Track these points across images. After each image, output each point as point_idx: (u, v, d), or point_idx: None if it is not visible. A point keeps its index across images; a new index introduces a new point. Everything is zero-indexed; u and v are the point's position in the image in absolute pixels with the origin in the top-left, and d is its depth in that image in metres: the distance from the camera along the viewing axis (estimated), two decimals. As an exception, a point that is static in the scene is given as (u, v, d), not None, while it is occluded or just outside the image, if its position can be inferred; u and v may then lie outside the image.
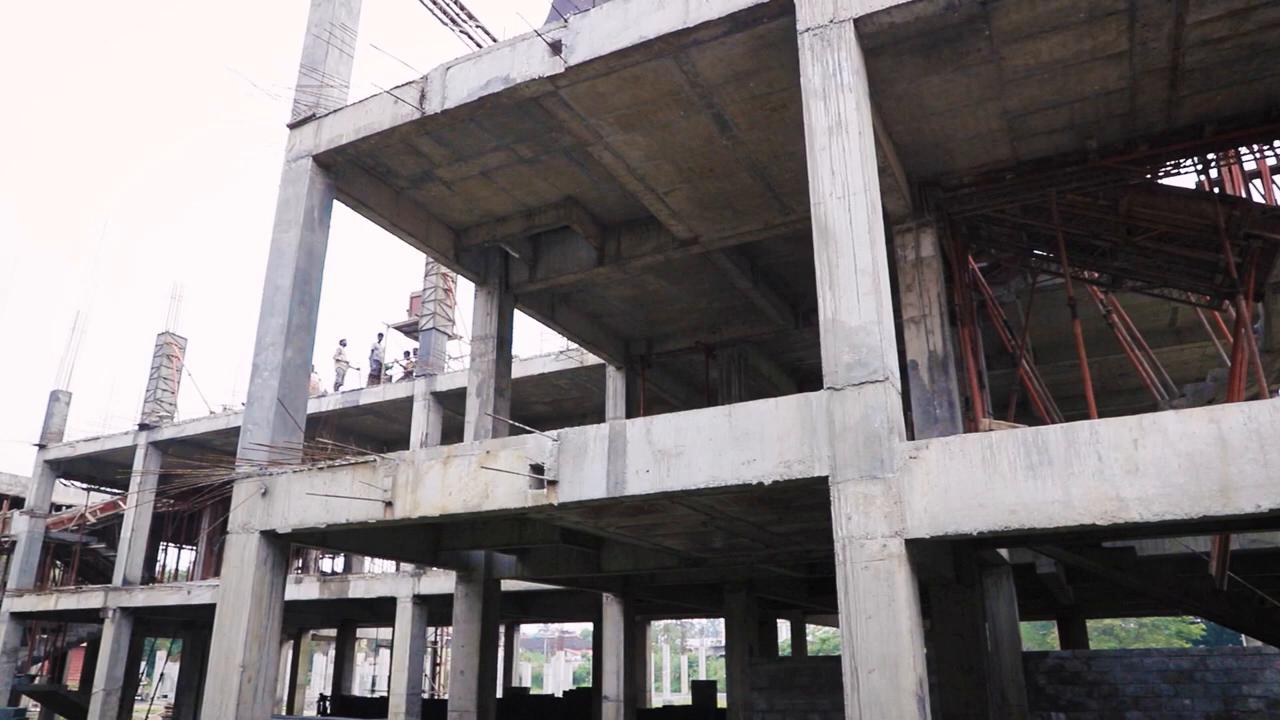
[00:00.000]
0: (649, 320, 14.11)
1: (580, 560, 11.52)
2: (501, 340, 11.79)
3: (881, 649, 5.17)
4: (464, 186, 10.14)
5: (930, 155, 9.06)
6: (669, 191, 9.81)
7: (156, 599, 22.02)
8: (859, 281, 5.83)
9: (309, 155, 8.97)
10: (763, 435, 5.90)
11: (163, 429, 23.73)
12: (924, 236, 9.23)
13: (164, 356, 24.57)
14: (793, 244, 11.67)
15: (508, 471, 6.76)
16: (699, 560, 11.26)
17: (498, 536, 10.13)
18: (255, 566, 7.91)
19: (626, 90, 7.94)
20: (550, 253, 11.82)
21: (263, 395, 8.42)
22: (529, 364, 18.44)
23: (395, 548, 10.18)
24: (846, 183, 6.06)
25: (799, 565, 13.19)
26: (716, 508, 7.79)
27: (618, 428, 6.44)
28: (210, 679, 7.89)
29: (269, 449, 8.10)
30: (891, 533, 5.35)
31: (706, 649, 78.88)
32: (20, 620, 24.26)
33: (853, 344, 5.74)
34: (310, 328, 8.80)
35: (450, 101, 8.08)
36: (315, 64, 9.44)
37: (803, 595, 16.79)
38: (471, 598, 11.25)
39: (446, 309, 20.88)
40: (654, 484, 6.21)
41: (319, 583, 20.46)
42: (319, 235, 8.95)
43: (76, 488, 29.01)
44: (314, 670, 45.59)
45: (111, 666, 21.81)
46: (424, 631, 18.77)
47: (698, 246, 10.82)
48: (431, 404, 19.67)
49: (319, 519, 7.64)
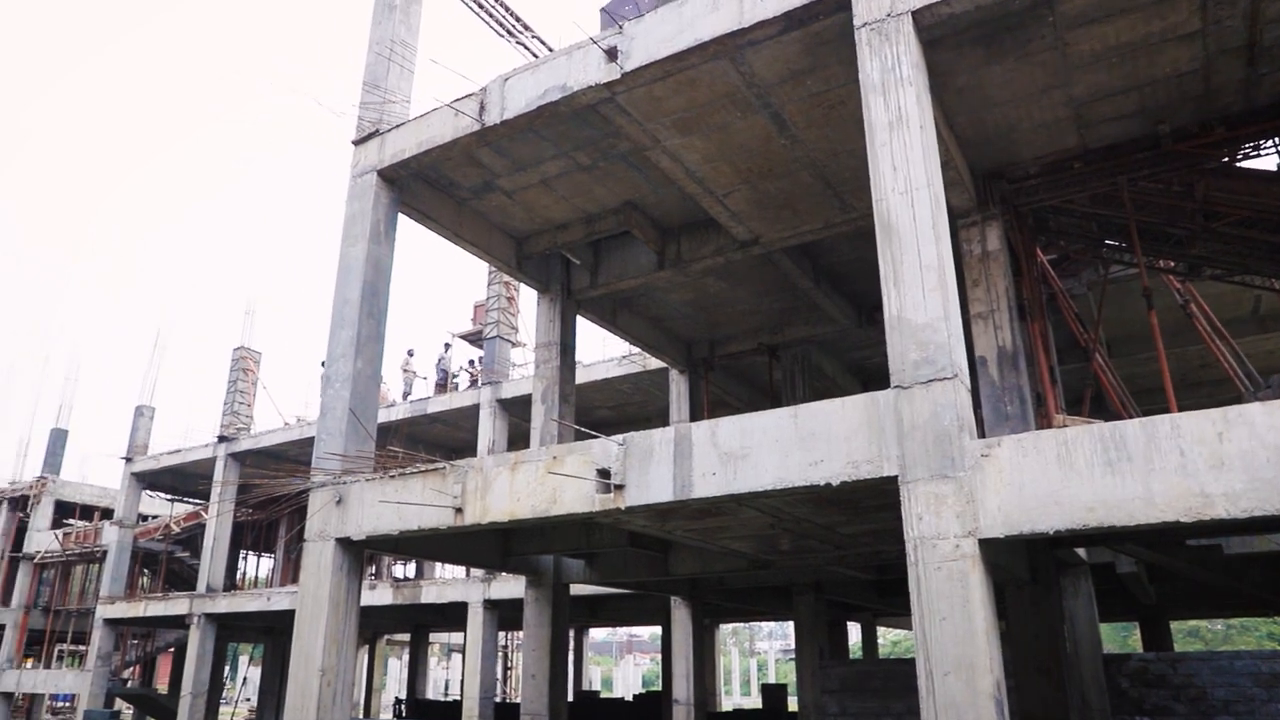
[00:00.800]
0: (711, 322, 14.09)
1: (648, 564, 11.55)
2: (564, 346, 11.90)
3: (957, 651, 5.08)
4: (524, 195, 10.27)
5: (994, 147, 8.88)
6: (728, 193, 9.79)
7: (238, 605, 22.72)
8: (924, 277, 5.75)
9: (373, 170, 9.18)
10: (829, 435, 5.85)
11: (240, 440, 24.48)
12: (990, 230, 9.05)
13: (240, 370, 25.35)
14: (855, 242, 11.54)
15: (574, 476, 6.81)
16: (767, 563, 11.19)
17: (566, 541, 10.21)
18: (332, 573, 8.11)
19: (683, 93, 7.95)
20: (611, 258, 11.88)
21: (335, 406, 8.63)
22: (592, 369, 18.56)
23: (465, 553, 10.33)
24: (909, 178, 5.98)
25: (868, 567, 13.01)
26: (784, 509, 7.74)
27: (683, 431, 6.45)
28: (291, 682, 8.11)
29: (342, 458, 8.30)
30: (964, 533, 5.25)
31: (775, 652, 78.23)
32: (113, 626, 25.26)
33: (919, 341, 5.66)
34: (379, 339, 9.00)
35: (509, 112, 8.19)
36: (377, 80, 9.66)
37: (873, 597, 16.55)
38: (541, 602, 11.36)
39: (510, 317, 21.14)
40: (720, 486, 6.20)
41: (392, 588, 20.87)
42: (385, 248, 9.15)
43: (161, 499, 30.11)
44: (389, 674, 46.48)
45: (198, 670, 22.57)
46: (495, 636, 19.00)
47: (758, 247, 10.77)
48: (497, 411, 19.93)
49: (392, 526, 7.80)
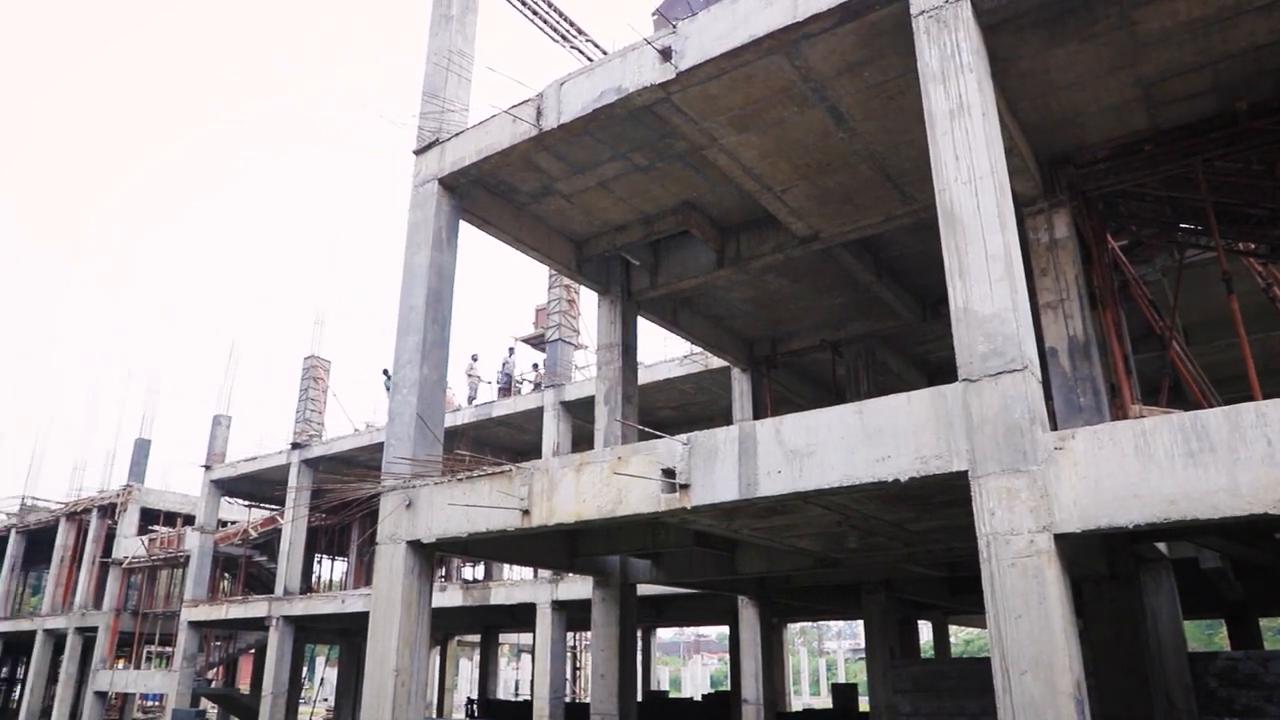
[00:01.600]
0: (772, 320, 13.99)
1: (714, 563, 11.53)
2: (626, 347, 11.94)
3: (1034, 650, 4.97)
4: (583, 198, 10.34)
5: (1060, 132, 8.65)
6: (786, 189, 9.72)
7: (314, 608, 23.31)
8: (990, 268, 5.63)
9: (434, 179, 9.34)
10: (896, 431, 5.77)
11: (312, 447, 25.12)
12: (1057, 217, 8.82)
13: (311, 379, 26.01)
14: (917, 234, 11.35)
15: (640, 477, 6.84)
16: (834, 561, 11.07)
17: (632, 541, 10.25)
18: (404, 575, 8.28)
19: (738, 90, 7.92)
20: (670, 258, 11.89)
21: (403, 412, 8.80)
22: (654, 370, 18.60)
23: (533, 554, 10.44)
24: (972, 167, 5.87)
25: (939, 564, 12.79)
26: (851, 507, 7.65)
27: (747, 429, 6.43)
28: (367, 682, 8.30)
29: (411, 462, 8.46)
30: (1039, 528, 5.13)
31: (845, 651, 77.29)
32: (196, 628, 26.13)
33: (987, 333, 5.55)
34: (444, 344, 9.15)
35: (565, 116, 8.26)
36: (436, 90, 9.82)
37: (944, 595, 16.26)
38: (608, 602, 11.42)
39: (571, 320, 21.30)
40: (786, 484, 6.16)
41: (462, 590, 21.19)
42: (448, 255, 9.30)
43: (239, 504, 31.06)
44: (460, 675, 47.18)
45: (277, 671, 23.21)
46: (563, 636, 19.17)
47: (818, 243, 10.67)
48: (561, 413, 20.10)
49: (460, 528, 7.93)
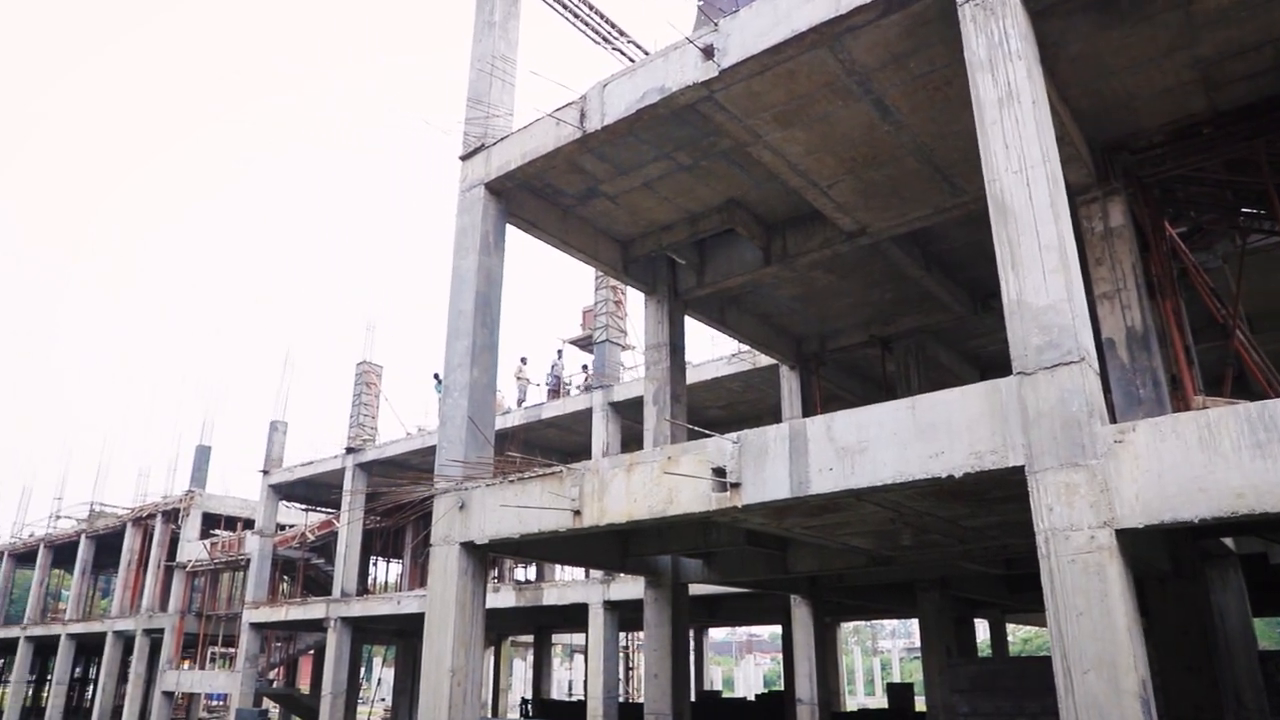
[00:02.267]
0: (820, 317, 13.88)
1: (766, 562, 11.47)
2: (674, 347, 11.94)
3: (1096, 648, 4.86)
4: (628, 199, 10.36)
5: (1113, 117, 8.45)
6: (832, 184, 9.64)
7: (370, 609, 23.69)
8: (1044, 258, 5.52)
9: (481, 184, 9.43)
10: (949, 426, 5.69)
11: (366, 451, 25.53)
12: (1112, 205, 8.62)
13: (363, 384, 26.44)
14: (966, 226, 11.18)
15: (690, 476, 6.83)
16: (888, 559, 10.95)
17: (683, 541, 10.24)
18: (457, 576, 8.37)
19: (781, 86, 7.87)
20: (716, 257, 11.86)
21: (454, 415, 8.91)
22: (702, 369, 18.57)
23: (585, 555, 10.49)
24: (1022, 156, 5.76)
25: (995, 561, 12.56)
26: (904, 504, 7.56)
27: (797, 427, 6.39)
28: (423, 682, 8.41)
29: (463, 465, 8.56)
30: (1099, 523, 5.02)
31: (899, 651, 76.37)
32: (257, 630, 26.73)
33: (1041, 325, 5.44)
34: (493, 348, 9.24)
35: (609, 117, 8.28)
36: (480, 96, 9.92)
37: (1001, 593, 15.98)
38: (661, 602, 11.43)
39: (618, 321, 21.36)
40: (838, 482, 6.11)
41: (515, 591, 21.37)
42: (496, 259, 9.39)
43: (296, 508, 31.70)
44: (514, 675, 47.57)
45: (336, 671, 23.64)
46: (616, 636, 19.23)
47: (866, 238, 10.56)
48: (609, 414, 20.17)
49: (513, 529, 7.99)
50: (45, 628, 37.63)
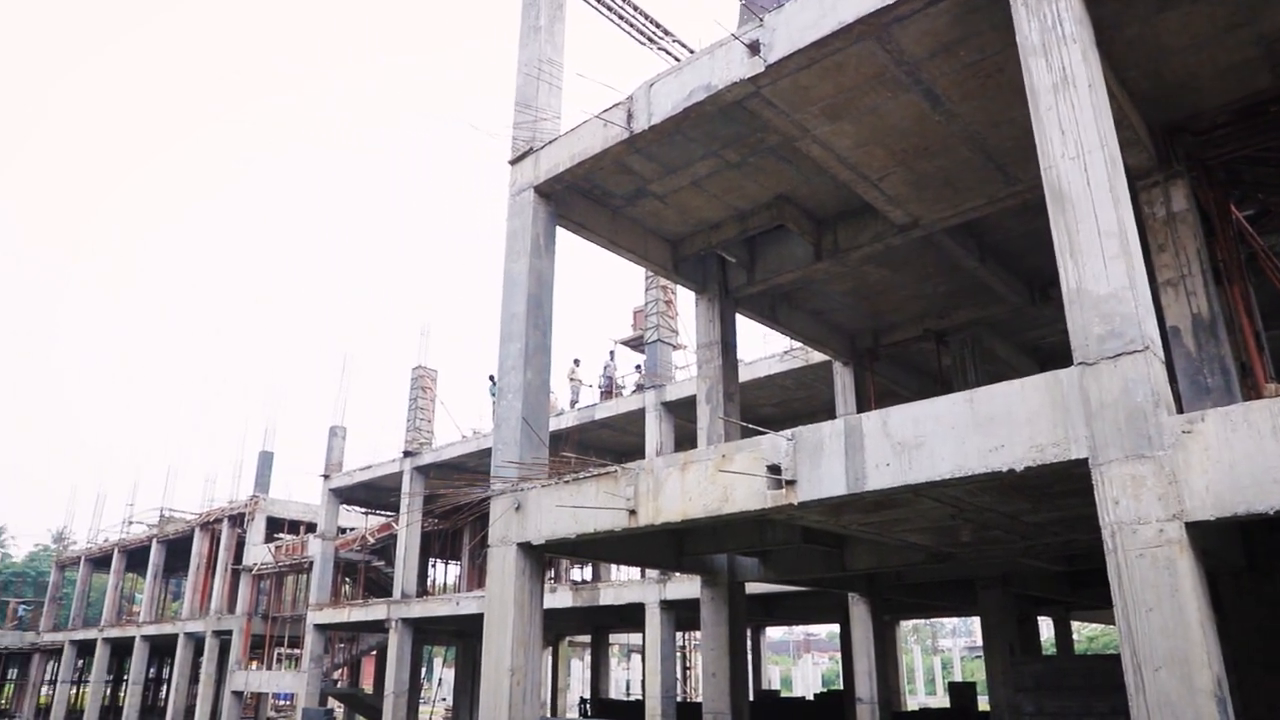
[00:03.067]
0: (873, 312, 13.73)
1: (823, 560, 11.37)
2: (725, 345, 11.91)
3: (1167, 645, 4.73)
4: (676, 198, 10.36)
5: (1174, 98, 8.22)
6: (883, 177, 9.53)
7: (430, 610, 24.03)
8: (1104, 245, 5.39)
9: (530, 187, 9.51)
10: (1009, 419, 5.58)
11: (423, 455, 25.90)
12: (1174, 189, 8.38)
13: (419, 389, 26.83)
14: (1022, 216, 10.96)
15: (745, 474, 6.81)
16: (947, 555, 10.78)
17: (739, 539, 10.21)
18: (515, 576, 8.45)
19: (829, 79, 7.81)
20: (766, 254, 11.81)
21: (509, 416, 9.00)
22: (754, 367, 18.48)
23: (640, 554, 10.52)
24: (1079, 141, 5.63)
25: (1058, 558, 12.29)
26: (964, 499, 7.44)
27: (853, 422, 6.33)
28: (484, 681, 8.51)
29: (519, 466, 8.64)
30: (1168, 516, 4.88)
31: (960, 649, 75.10)
32: (321, 631, 27.29)
33: (1103, 313, 5.32)
34: (546, 350, 9.31)
35: (656, 117, 8.30)
36: (528, 100, 10.00)
37: (1065, 590, 15.63)
38: (717, 601, 11.41)
39: (669, 320, 21.37)
40: (895, 477, 6.04)
41: (571, 591, 21.50)
42: (546, 261, 9.46)
43: (356, 512, 32.29)
44: (571, 675, 47.83)
45: (398, 671, 24.03)
46: (672, 636, 19.23)
47: (918, 230, 10.42)
48: (662, 414, 20.18)
49: (569, 529, 8.05)
50: (121, 630, 38.91)
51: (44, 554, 65.69)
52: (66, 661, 42.58)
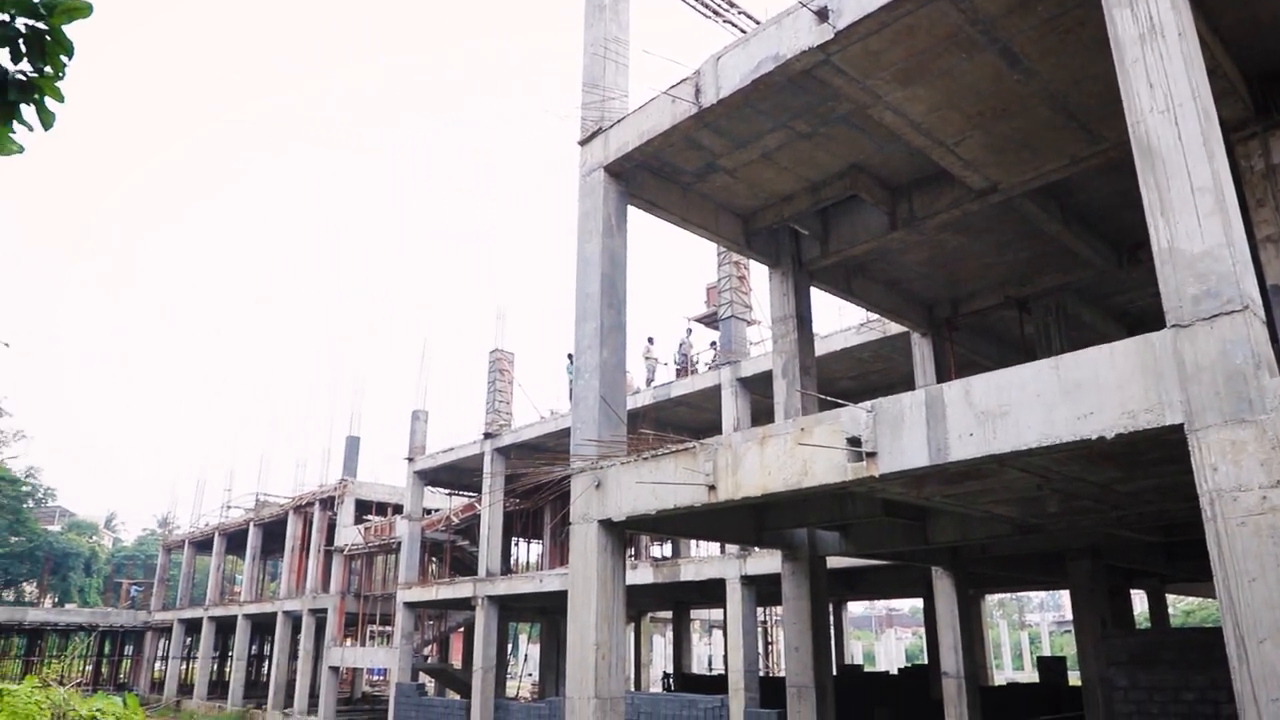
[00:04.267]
0: (951, 280, 13.42)
1: (905, 533, 11.24)
2: (801, 319, 11.81)
3: (1273, 616, 4.56)
4: (746, 172, 10.28)
5: (1271, 45, 7.80)
6: (959, 141, 9.29)
7: (514, 588, 24.54)
8: (1197, 202, 5.18)
9: (600, 167, 9.56)
10: (1098, 385, 5.43)
11: (503, 436, 26.37)
12: (1274, 140, 7.97)
13: (497, 371, 27.28)
14: (1107, 175, 10.55)
15: (824, 447, 6.78)
16: (1034, 527, 10.54)
17: (819, 513, 10.17)
18: (597, 553, 8.59)
19: (901, 43, 7.63)
20: (840, 225, 11.64)
21: (586, 395, 9.11)
22: (830, 340, 18.27)
23: (720, 530, 10.56)
24: (1169, 94, 5.40)
25: (1152, 528, 11.91)
26: (1051, 468, 7.27)
27: (934, 392, 6.23)
28: (569, 656, 8.68)
29: (598, 444, 8.75)
30: (1272, 482, 4.70)
31: (1049, 624, 73.41)
32: (411, 608, 28.13)
33: (1197, 273, 5.11)
34: (621, 328, 9.37)
35: (724, 90, 8.24)
36: (595, 80, 10.03)
37: (1159, 561, 15.13)
38: (798, 575, 11.39)
39: (742, 296, 21.24)
40: (979, 448, 5.93)
41: (652, 568, 21.70)
42: (619, 240, 9.51)
43: (440, 493, 33.10)
44: (654, 651, 48.33)
45: (485, 647, 24.64)
46: (754, 611, 19.25)
47: (997, 195, 10.14)
48: (738, 390, 20.12)
49: (649, 506, 8.13)
50: (224, 608, 40.79)
51: (151, 538, 69.19)
52: (176, 638, 44.86)
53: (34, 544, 57.26)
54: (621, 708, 8.53)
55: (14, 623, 45.28)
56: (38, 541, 57.68)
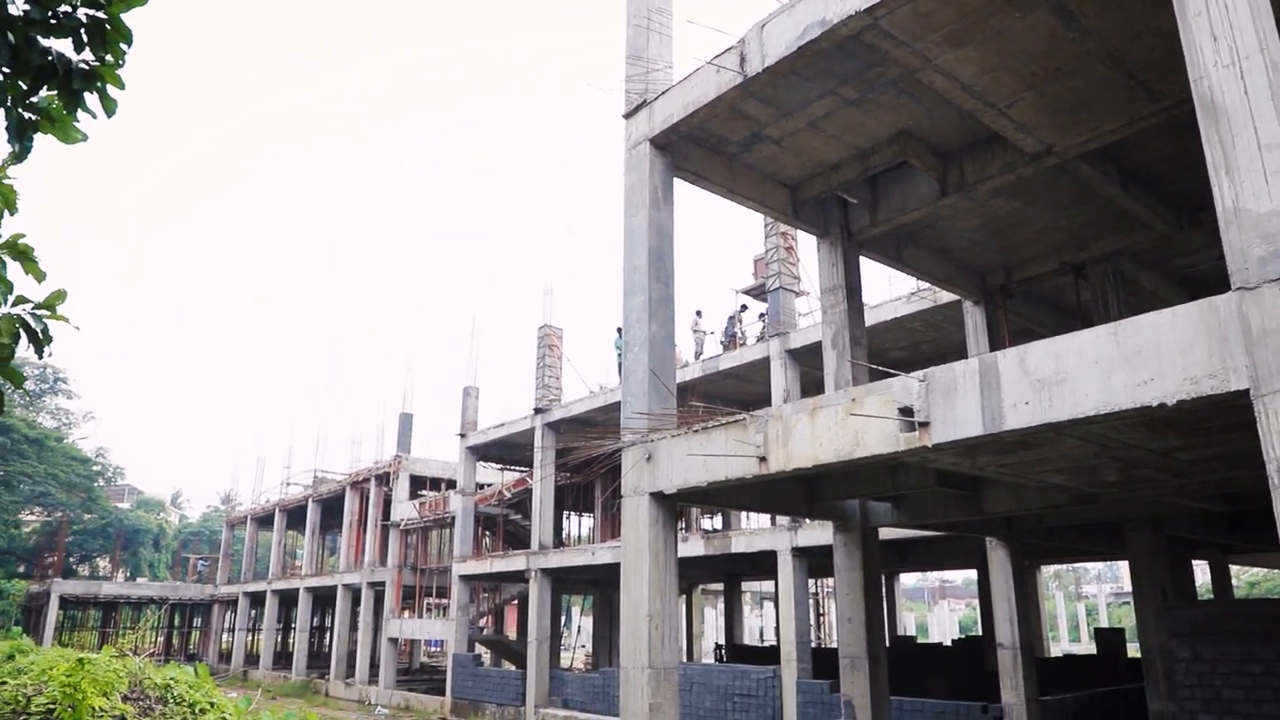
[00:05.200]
0: (1004, 247, 13.16)
1: (958, 503, 11.13)
2: (850, 289, 11.69)
3: (1343, 581, 4.45)
4: (793, 141, 10.17)
5: (1346, -7, 7.46)
6: (1012, 104, 9.07)
7: (567, 560, 24.86)
8: (1265, 159, 5.00)
9: (645, 140, 9.52)
10: (1159, 350, 5.30)
11: (553, 411, 26.61)
12: (1347, 93, 7.65)
13: (546, 347, 27.49)
14: (1167, 135, 10.23)
15: (876, 417, 6.73)
16: (1092, 497, 10.37)
17: (870, 484, 10.12)
18: (649, 525, 8.66)
19: (951, 4, 7.46)
20: (889, 192, 11.47)
21: (635, 369, 9.15)
22: (880, 310, 18.07)
23: (771, 501, 10.57)
24: (1234, 46, 5.22)
25: (1215, 497, 11.65)
26: (1109, 436, 7.14)
27: (988, 360, 6.15)
28: (623, 627, 8.79)
29: (648, 417, 8.80)
30: (1342, 447, 4.57)
31: (1106, 595, 72.25)
32: (466, 581, 28.67)
33: (1264, 233, 4.95)
34: (669, 301, 9.38)
35: (770, 58, 8.14)
36: (639, 53, 9.97)
37: (1222, 531, 14.82)
38: (850, 546, 11.37)
39: (790, 267, 21.08)
40: (1035, 416, 5.85)
41: (703, 540, 21.80)
42: (666, 213, 9.49)
43: (492, 468, 33.57)
44: (705, 623, 48.66)
45: (539, 618, 25.03)
46: (805, 582, 19.27)
47: (1051, 158, 9.89)
48: (787, 362, 20.03)
49: (700, 478, 8.16)
50: (286, 582, 41.97)
51: (215, 515, 71.32)
52: (241, 611, 46.34)
53: (106, 521, 59.43)
54: (675, 678, 8.63)
55: (90, 596, 47.14)
56: (109, 518, 59.86)
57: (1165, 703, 12.56)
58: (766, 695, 18.33)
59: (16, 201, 4.31)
